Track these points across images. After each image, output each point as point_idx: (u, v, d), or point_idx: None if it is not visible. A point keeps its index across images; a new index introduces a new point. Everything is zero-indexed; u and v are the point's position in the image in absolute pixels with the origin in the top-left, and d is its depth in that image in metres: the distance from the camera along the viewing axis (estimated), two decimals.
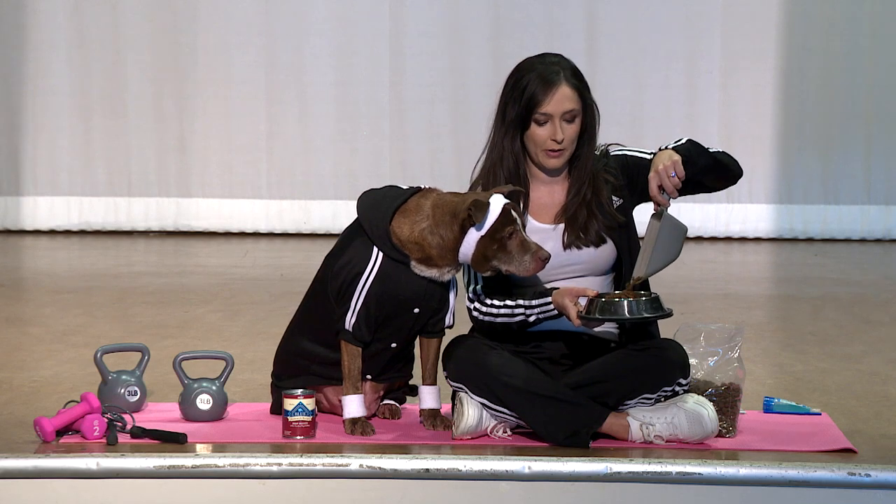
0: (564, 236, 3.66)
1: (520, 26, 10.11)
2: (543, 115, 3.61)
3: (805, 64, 10.27)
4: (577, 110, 3.63)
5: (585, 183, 3.67)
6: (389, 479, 3.29)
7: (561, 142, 3.61)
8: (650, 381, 3.54)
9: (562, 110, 3.61)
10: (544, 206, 3.71)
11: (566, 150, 3.64)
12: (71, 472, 3.28)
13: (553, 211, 3.71)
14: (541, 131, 3.62)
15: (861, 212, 10.36)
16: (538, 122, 3.62)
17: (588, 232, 3.65)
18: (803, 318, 6.46)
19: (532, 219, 3.69)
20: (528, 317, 3.59)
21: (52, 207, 10.25)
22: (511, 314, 3.61)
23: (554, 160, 3.65)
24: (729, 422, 3.64)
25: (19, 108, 10.20)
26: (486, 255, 3.52)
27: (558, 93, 3.61)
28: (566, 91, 3.61)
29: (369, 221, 3.60)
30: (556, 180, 3.72)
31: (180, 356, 3.81)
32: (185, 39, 10.18)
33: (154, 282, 7.46)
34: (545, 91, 3.60)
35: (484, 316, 3.66)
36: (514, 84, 3.65)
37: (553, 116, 3.60)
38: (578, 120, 3.64)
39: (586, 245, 3.65)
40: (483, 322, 3.67)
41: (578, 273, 3.67)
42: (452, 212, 3.53)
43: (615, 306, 3.45)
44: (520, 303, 3.59)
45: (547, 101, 3.60)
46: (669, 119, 10.19)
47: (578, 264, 3.67)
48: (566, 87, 3.62)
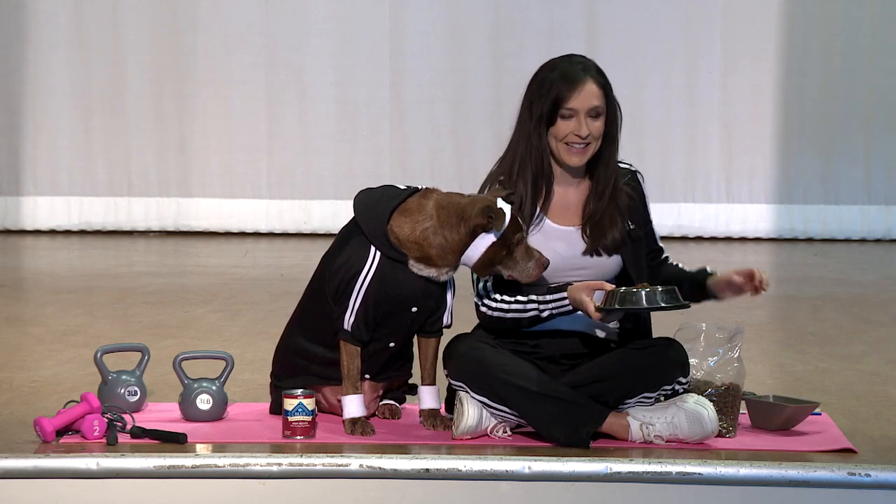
0: (585, 238, 3.66)
1: (520, 26, 10.12)
2: (569, 111, 3.62)
3: (805, 64, 10.27)
4: (602, 108, 3.64)
5: (609, 185, 3.69)
6: (389, 479, 3.29)
7: (585, 137, 3.61)
8: (650, 379, 3.55)
9: (587, 106, 3.62)
10: (562, 208, 3.70)
11: (589, 146, 3.64)
12: (71, 472, 3.28)
13: (570, 213, 3.71)
14: (567, 125, 3.62)
15: (861, 212, 10.36)
16: (563, 118, 3.63)
17: (607, 237, 3.65)
18: (803, 318, 6.46)
19: (549, 220, 3.69)
20: (542, 312, 3.59)
21: (52, 207, 10.26)
22: (523, 309, 3.61)
23: (576, 157, 3.64)
24: (729, 422, 3.64)
25: (19, 108, 10.20)
26: (493, 261, 3.53)
27: (585, 89, 3.62)
28: (592, 88, 3.63)
29: (366, 221, 3.59)
30: (574, 181, 3.71)
31: (180, 356, 3.81)
32: (185, 39, 10.18)
33: (154, 282, 7.46)
34: (571, 87, 3.62)
35: (493, 311, 3.65)
36: (541, 82, 3.66)
37: (578, 112, 3.61)
38: (602, 119, 3.65)
39: (605, 251, 3.66)
40: (491, 318, 3.66)
41: (585, 278, 3.66)
42: (460, 214, 3.53)
43: (634, 296, 3.47)
44: (532, 298, 3.59)
45: (573, 97, 3.61)
46: (669, 119, 10.20)
47: (588, 269, 3.67)
48: (592, 83, 3.63)
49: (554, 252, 3.64)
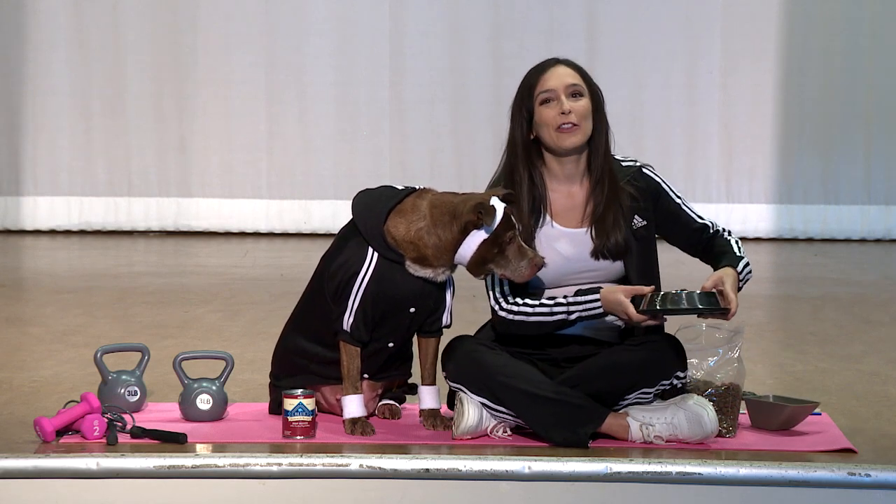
0: (592, 238, 3.66)
1: (520, 26, 10.12)
2: (546, 93, 3.62)
3: (805, 64, 10.28)
4: (581, 88, 3.64)
5: (604, 172, 3.66)
6: (389, 479, 3.29)
7: (569, 113, 3.60)
8: (648, 374, 3.54)
9: (563, 84, 3.63)
10: (566, 209, 3.70)
11: (580, 125, 3.63)
12: (71, 472, 3.28)
13: (576, 213, 3.70)
14: (548, 111, 3.62)
15: (861, 212, 10.37)
16: (544, 103, 3.63)
17: (610, 238, 3.64)
18: (803, 318, 6.46)
19: (555, 223, 3.68)
20: (570, 314, 3.57)
21: (52, 207, 10.26)
22: (549, 313, 3.59)
23: (568, 136, 3.62)
24: (729, 422, 3.64)
25: (19, 108, 10.20)
26: (486, 259, 3.52)
27: (557, 70, 3.65)
28: (563, 69, 3.66)
29: (364, 221, 3.60)
30: (575, 180, 3.70)
31: (180, 356, 3.81)
32: (185, 39, 10.18)
33: (154, 282, 7.46)
34: (542, 71, 3.66)
35: (515, 316, 3.63)
36: (520, 83, 3.68)
37: (556, 91, 3.62)
38: (586, 100, 3.64)
39: (610, 255, 3.64)
40: (511, 323, 3.64)
41: (592, 280, 3.66)
42: (452, 212, 3.53)
43: (678, 298, 3.46)
44: (560, 301, 3.58)
45: (546, 78, 3.63)
46: (669, 119, 10.20)
47: (594, 271, 3.66)
48: (562, 66, 3.67)
49: (558, 254, 3.64)
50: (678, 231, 3.76)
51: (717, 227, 3.77)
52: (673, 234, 3.77)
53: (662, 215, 3.73)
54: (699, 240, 3.75)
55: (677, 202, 3.76)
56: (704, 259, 3.75)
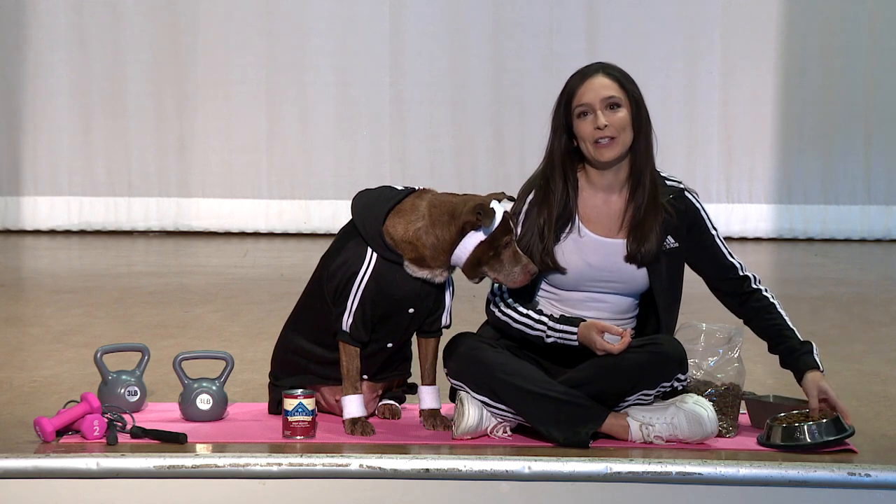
0: (629, 243, 3.65)
1: (520, 26, 10.12)
2: (582, 107, 3.61)
3: (805, 64, 10.28)
4: (619, 98, 3.63)
5: (643, 180, 3.65)
6: (389, 479, 3.29)
7: (604, 128, 3.59)
8: (648, 377, 3.54)
9: (599, 97, 3.61)
10: (601, 216, 3.68)
11: (616, 139, 3.62)
12: (71, 472, 3.28)
13: (611, 222, 3.68)
14: (585, 125, 3.62)
15: (861, 212, 10.37)
16: (581, 116, 3.62)
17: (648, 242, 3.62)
18: (803, 318, 6.44)
19: (587, 229, 3.67)
20: (547, 337, 3.59)
21: (52, 207, 10.27)
22: (531, 326, 3.61)
23: (605, 150, 3.61)
24: (729, 422, 3.64)
25: (19, 108, 10.21)
26: (480, 261, 3.53)
27: (594, 82, 3.63)
28: (602, 80, 3.63)
29: (363, 222, 3.60)
30: (614, 190, 3.69)
31: (180, 356, 3.81)
32: (185, 39, 10.19)
33: (154, 282, 7.46)
34: (581, 82, 3.63)
35: (503, 316, 3.65)
36: (560, 91, 3.67)
37: (592, 105, 3.61)
38: (625, 111, 3.63)
39: (642, 259, 3.63)
40: (499, 320, 3.66)
41: (610, 290, 3.65)
42: (451, 212, 3.53)
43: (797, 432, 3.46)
44: (543, 320, 3.59)
45: (583, 91, 3.61)
46: (669, 119, 10.20)
47: (616, 282, 3.65)
48: (601, 76, 3.64)
49: (583, 260, 3.63)
50: (706, 263, 3.74)
51: (748, 275, 3.75)
52: (701, 264, 3.74)
53: (695, 242, 3.71)
54: (725, 278, 3.74)
55: (712, 234, 3.73)
56: (737, 311, 3.75)
